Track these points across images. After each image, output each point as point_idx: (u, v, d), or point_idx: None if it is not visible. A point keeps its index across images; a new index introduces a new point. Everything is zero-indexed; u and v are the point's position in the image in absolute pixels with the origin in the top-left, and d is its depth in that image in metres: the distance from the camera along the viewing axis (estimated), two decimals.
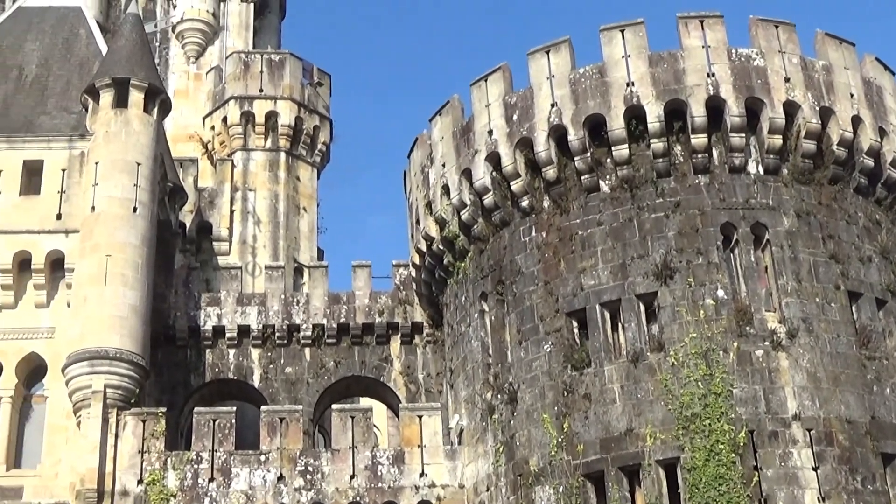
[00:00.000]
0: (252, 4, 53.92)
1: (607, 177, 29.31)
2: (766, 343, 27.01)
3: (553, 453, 27.62)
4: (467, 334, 31.42)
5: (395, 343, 35.77)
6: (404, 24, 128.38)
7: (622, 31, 29.81)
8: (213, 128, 46.75)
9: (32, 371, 32.14)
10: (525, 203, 30.11)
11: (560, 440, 27.59)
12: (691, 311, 27.41)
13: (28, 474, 30.97)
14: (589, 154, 29.23)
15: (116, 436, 30.17)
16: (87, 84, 34.13)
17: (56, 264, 32.44)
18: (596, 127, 29.33)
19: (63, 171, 33.34)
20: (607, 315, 28.29)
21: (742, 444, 25.92)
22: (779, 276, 28.00)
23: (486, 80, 31.41)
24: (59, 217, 32.73)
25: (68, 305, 31.89)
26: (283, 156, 45.67)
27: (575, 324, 28.67)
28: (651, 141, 28.94)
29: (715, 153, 28.98)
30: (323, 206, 47.56)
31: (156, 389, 33.83)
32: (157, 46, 49.23)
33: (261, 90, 46.27)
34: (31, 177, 33.42)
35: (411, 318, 35.71)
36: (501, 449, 28.93)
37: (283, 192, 45.13)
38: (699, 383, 26.61)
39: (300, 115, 46.25)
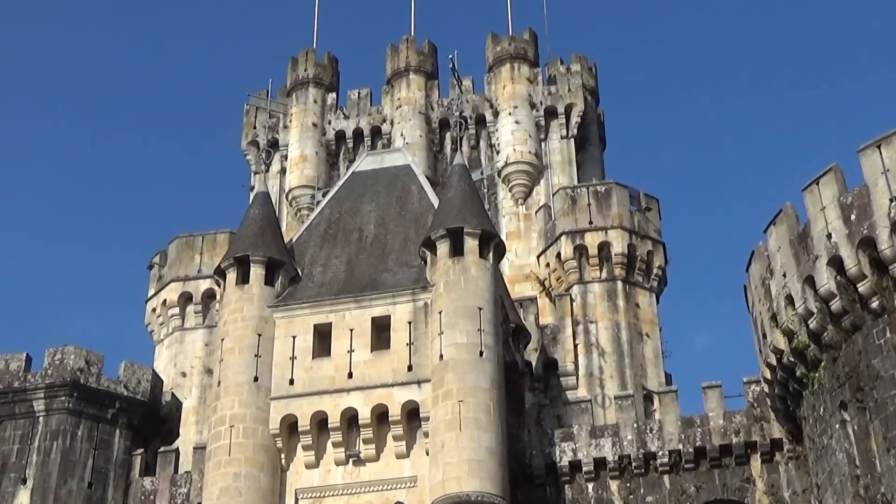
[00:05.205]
0: (573, 140, 55.02)
1: None
2: None
3: None
4: (830, 446, 30.23)
5: (756, 462, 34.69)
6: (723, 138, 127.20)
7: None
8: (547, 265, 47.53)
9: None
10: (875, 304, 28.96)
11: None
12: None
13: None
14: None
15: None
16: (424, 237, 35.29)
17: (412, 414, 33.23)
18: None
19: (409, 323, 34.29)
20: None
21: None
22: None
23: (817, 184, 30.64)
24: (409, 368, 33.57)
25: (427, 453, 32.55)
26: (619, 285, 45.87)
27: None
28: None
29: None
30: (665, 330, 47.23)
31: None
32: (484, 192, 50.59)
33: (590, 222, 46.81)
34: (380, 332, 34.52)
35: (769, 436, 34.61)
36: None
37: (624, 321, 45.18)
38: None
39: (632, 241, 46.47)
